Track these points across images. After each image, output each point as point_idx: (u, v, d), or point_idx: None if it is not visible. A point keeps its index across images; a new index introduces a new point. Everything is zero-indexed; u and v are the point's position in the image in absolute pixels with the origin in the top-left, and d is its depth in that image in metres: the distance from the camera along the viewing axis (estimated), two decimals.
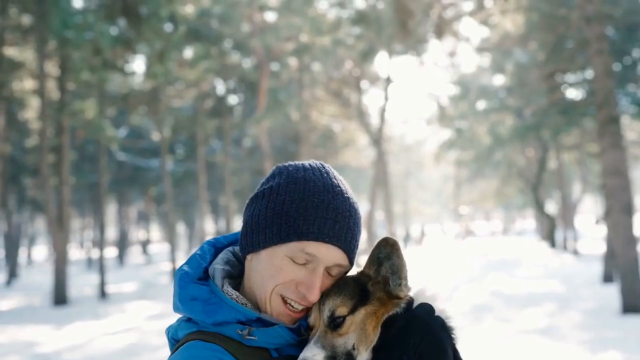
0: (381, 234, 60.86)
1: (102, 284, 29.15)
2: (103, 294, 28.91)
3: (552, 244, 47.94)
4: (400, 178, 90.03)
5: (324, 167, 2.16)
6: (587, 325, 16.54)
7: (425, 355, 1.84)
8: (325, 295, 2.03)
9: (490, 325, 16.87)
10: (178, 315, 2.15)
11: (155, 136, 40.27)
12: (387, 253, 2.00)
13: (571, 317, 18.00)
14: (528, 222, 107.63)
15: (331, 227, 2.00)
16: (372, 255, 2.02)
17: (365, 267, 2.04)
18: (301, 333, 2.06)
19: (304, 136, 40.04)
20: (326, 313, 2.00)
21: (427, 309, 1.95)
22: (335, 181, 2.12)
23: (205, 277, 2.15)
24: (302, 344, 2.05)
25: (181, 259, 43.35)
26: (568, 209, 50.94)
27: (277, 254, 2.01)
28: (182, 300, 2.07)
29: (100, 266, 29.67)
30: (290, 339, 2.02)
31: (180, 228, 74.47)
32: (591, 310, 19.10)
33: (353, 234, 2.05)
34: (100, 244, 31.08)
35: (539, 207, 47.77)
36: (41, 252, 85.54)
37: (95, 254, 48.50)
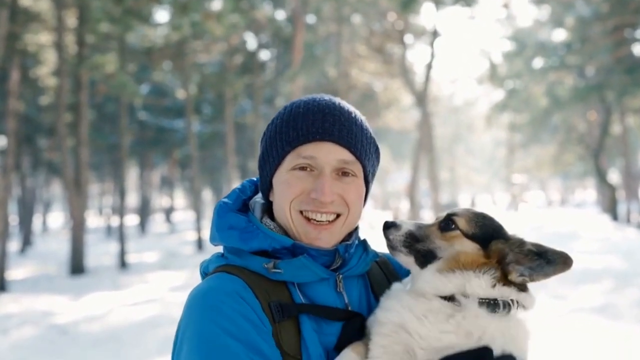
0: (425, 203, 60.84)
1: (122, 253, 29.55)
2: (123, 264, 29.32)
3: (614, 216, 47.46)
4: (447, 143, 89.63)
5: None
6: None
7: None
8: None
9: (542, 302, 16.89)
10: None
11: (180, 94, 40.51)
12: (552, 259, 2.16)
13: (631, 295, 17.96)
14: (588, 192, 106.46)
15: (320, 125, 2.21)
16: (543, 246, 2.18)
17: (524, 241, 2.22)
18: (335, 265, 2.26)
19: (342, 95, 39.98)
20: (449, 211, 2.28)
21: None
22: (323, 95, 2.33)
23: (245, 210, 2.38)
24: (332, 281, 2.25)
25: (207, 228, 43.69)
26: (632, 179, 50.39)
27: (282, 173, 2.25)
28: (219, 228, 2.31)
29: (120, 234, 30.05)
30: (320, 271, 2.21)
31: (207, 195, 74.86)
32: None
33: (349, 129, 2.24)
34: (120, 210, 31.40)
35: (601, 176, 47.23)
36: (57, 218, 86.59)
37: (115, 221, 48.99)
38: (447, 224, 2.27)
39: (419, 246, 2.26)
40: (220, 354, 2.02)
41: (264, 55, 43.11)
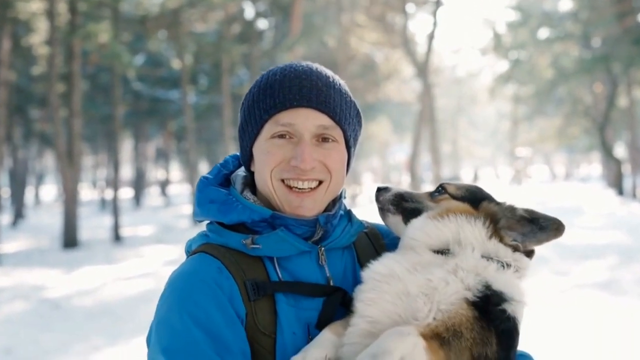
0: (426, 177, 60.89)
1: (116, 227, 29.58)
2: (117, 237, 29.37)
3: (620, 191, 47.45)
4: (449, 115, 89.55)
5: None
6: None
7: None
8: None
9: (544, 277, 16.95)
10: None
11: (176, 64, 40.33)
12: (545, 226, 2.19)
13: (635, 271, 17.99)
14: (593, 166, 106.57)
15: (297, 91, 2.21)
16: (535, 212, 2.21)
17: (515, 207, 2.26)
18: (317, 237, 2.28)
19: (341, 66, 39.95)
20: (441, 182, 2.37)
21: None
22: (301, 62, 2.35)
23: (227, 184, 2.42)
24: (314, 254, 2.27)
25: None
26: (638, 152, 50.35)
27: (261, 142, 2.26)
28: (200, 203, 2.36)
29: (114, 208, 30.06)
30: (300, 244, 2.23)
31: (203, 167, 74.84)
32: None
33: (327, 94, 2.24)
34: (114, 183, 31.36)
35: (606, 150, 47.16)
36: (50, 191, 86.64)
37: (109, 194, 49.01)
38: (437, 190, 2.35)
39: (407, 205, 2.32)
40: (184, 342, 2.06)
41: (262, 24, 42.96)
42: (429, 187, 55.45)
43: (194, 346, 2.05)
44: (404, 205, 2.34)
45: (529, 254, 2.25)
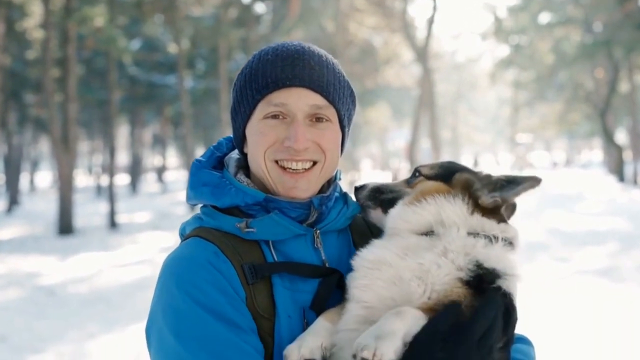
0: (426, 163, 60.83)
1: (112, 213, 29.59)
2: (113, 224, 29.37)
3: (621, 177, 47.50)
4: (449, 100, 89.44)
5: None
6: None
7: None
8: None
9: (544, 264, 16.99)
10: None
11: (172, 48, 40.24)
12: (521, 181, 2.19)
13: (636, 258, 18.03)
14: (594, 153, 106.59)
15: (290, 70, 2.20)
16: (511, 175, 2.24)
17: (491, 174, 2.28)
18: (311, 220, 2.27)
19: (340, 51, 39.86)
20: (415, 166, 2.39)
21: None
22: (293, 41, 2.32)
23: (220, 167, 2.41)
24: (309, 237, 2.27)
25: None
26: None
27: (254, 122, 2.25)
28: (193, 186, 2.34)
29: (110, 194, 30.06)
30: (294, 227, 2.22)
31: (200, 153, 74.65)
32: None
33: (320, 73, 2.23)
34: (110, 169, 31.37)
35: (608, 136, 47.19)
36: (45, 177, 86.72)
37: (104, 180, 49.06)
38: (412, 175, 2.36)
39: (384, 196, 2.34)
40: (192, 325, 2.05)
41: (260, 8, 42.86)
42: (393, 180, 55.42)
43: (203, 325, 2.04)
44: (381, 198, 2.35)
45: (512, 211, 2.30)
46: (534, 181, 2.16)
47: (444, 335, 1.85)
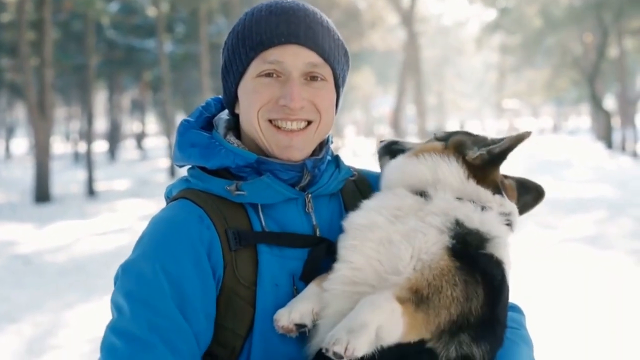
0: (411, 130, 60.91)
1: (90, 181, 29.49)
2: (91, 192, 29.29)
3: (609, 144, 47.69)
4: (435, 65, 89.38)
5: None
6: (639, 235, 16.72)
7: None
8: None
9: (531, 231, 17.03)
10: None
11: (151, 11, 39.99)
12: (512, 141, 2.23)
13: (623, 225, 18.17)
14: (582, 119, 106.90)
15: (285, 27, 2.17)
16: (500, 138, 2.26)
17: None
18: (304, 183, 2.26)
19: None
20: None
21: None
22: None
23: (209, 128, 2.37)
24: (300, 201, 2.27)
25: None
26: (628, 105, 50.53)
27: (247, 81, 2.22)
28: (180, 147, 2.32)
29: (88, 161, 29.95)
30: (286, 191, 2.21)
31: (180, 119, 74.50)
32: None
33: (315, 31, 2.21)
34: (88, 136, 31.26)
35: (596, 102, 47.27)
36: (21, 144, 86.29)
37: (82, 147, 48.72)
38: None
39: (395, 147, 2.40)
40: (148, 290, 2.05)
41: None
42: (413, 140, 55.52)
43: (157, 297, 2.04)
44: (392, 148, 2.40)
45: (537, 198, 2.48)
46: (521, 134, 2.18)
47: None
